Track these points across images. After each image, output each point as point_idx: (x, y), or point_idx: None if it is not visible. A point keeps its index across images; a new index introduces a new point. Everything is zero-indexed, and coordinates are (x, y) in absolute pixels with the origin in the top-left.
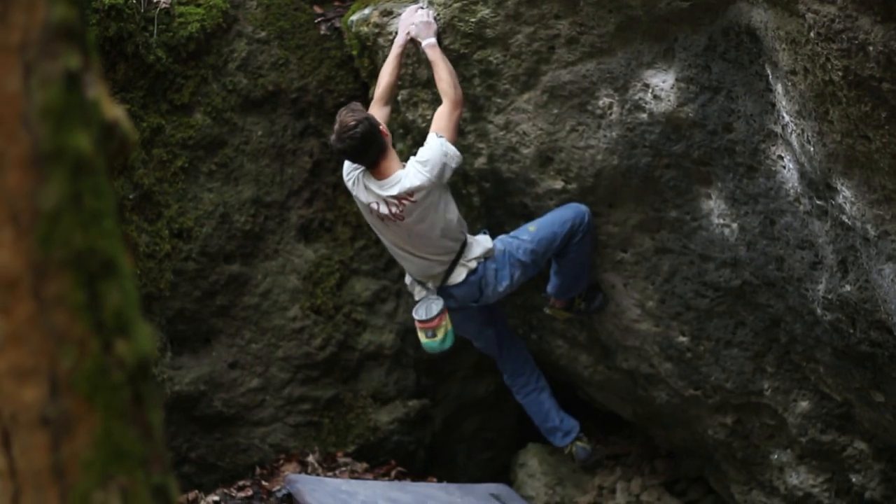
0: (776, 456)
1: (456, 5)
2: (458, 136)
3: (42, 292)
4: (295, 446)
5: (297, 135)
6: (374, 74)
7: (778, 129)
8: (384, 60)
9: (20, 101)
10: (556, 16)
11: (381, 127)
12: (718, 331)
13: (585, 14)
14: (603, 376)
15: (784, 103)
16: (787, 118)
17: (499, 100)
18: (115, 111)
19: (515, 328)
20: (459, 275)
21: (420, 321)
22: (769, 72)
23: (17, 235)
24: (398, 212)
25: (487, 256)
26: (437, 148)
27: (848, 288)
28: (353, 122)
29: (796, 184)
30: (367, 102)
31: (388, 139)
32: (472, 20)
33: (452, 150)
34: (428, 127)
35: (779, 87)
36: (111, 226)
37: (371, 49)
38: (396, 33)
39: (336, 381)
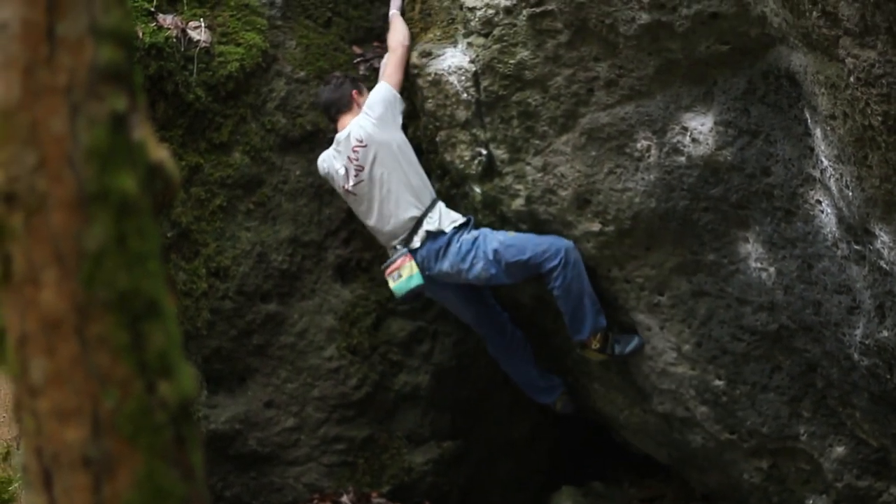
0: (811, 501)
1: (495, 47)
2: (494, 176)
3: (85, 333)
4: (329, 486)
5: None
6: (414, 115)
7: (816, 174)
8: (424, 101)
9: (66, 143)
10: (596, 58)
11: (353, 89)
12: (755, 375)
13: (625, 57)
14: (638, 419)
15: (823, 148)
16: (825, 163)
17: (537, 141)
18: (160, 152)
19: (549, 370)
20: (416, 240)
21: (385, 268)
22: (808, 116)
23: (62, 276)
24: (357, 161)
25: (454, 230)
26: (379, 91)
27: (885, 333)
28: (330, 76)
29: (834, 228)
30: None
31: (356, 99)
32: (512, 62)
33: (395, 93)
34: (466, 169)
35: (818, 132)
36: (155, 267)
37: (410, 90)
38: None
39: (371, 421)
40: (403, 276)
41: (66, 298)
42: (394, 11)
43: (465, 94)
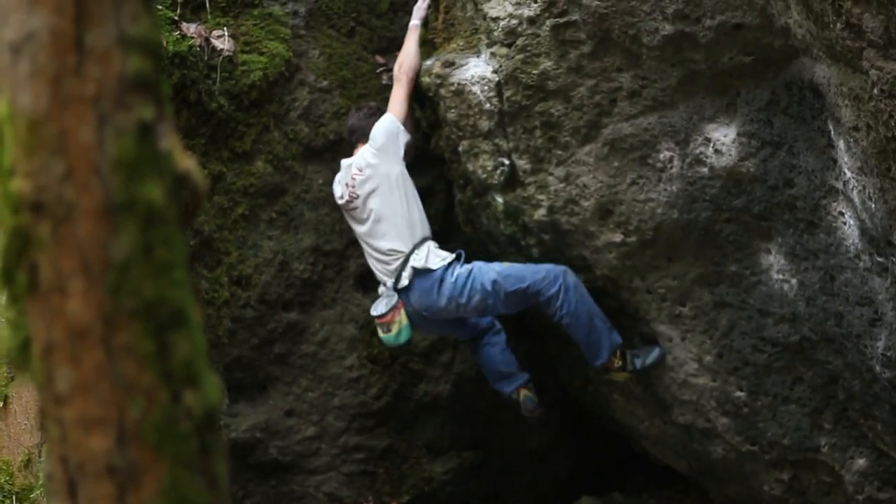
0: None
1: (518, 57)
2: (516, 186)
3: (111, 342)
4: (349, 495)
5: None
6: (436, 125)
7: (839, 185)
8: (446, 111)
9: (94, 152)
10: (619, 69)
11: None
12: (776, 386)
13: (648, 67)
14: (659, 430)
15: (846, 159)
16: (848, 174)
17: (559, 152)
18: (187, 162)
19: (571, 380)
20: (405, 277)
21: (375, 316)
22: (831, 127)
23: (88, 285)
24: (353, 189)
25: (444, 266)
26: (383, 122)
27: None
28: (365, 105)
29: (857, 240)
30: (427, 155)
31: None
32: (535, 72)
33: (399, 126)
34: (488, 178)
35: (841, 143)
36: (181, 276)
37: (433, 100)
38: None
39: (391, 430)
40: (392, 331)
41: (93, 307)
42: (415, 22)
43: (487, 104)
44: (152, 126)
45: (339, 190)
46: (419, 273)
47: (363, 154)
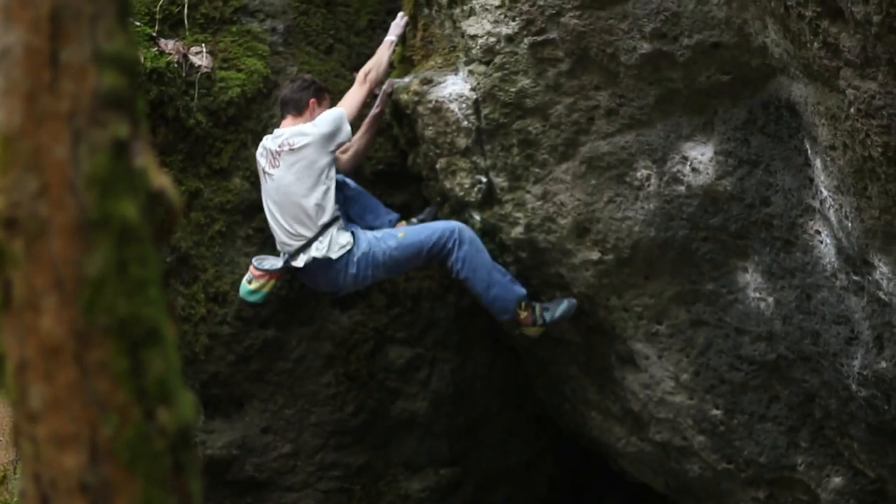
0: None
1: (496, 75)
2: (493, 204)
3: (85, 359)
4: None
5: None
6: (414, 142)
7: (816, 204)
8: (424, 128)
9: (68, 169)
10: (596, 87)
11: (314, 97)
12: (752, 404)
13: (625, 86)
14: (635, 448)
15: (822, 178)
16: (825, 193)
17: (537, 169)
18: (162, 179)
19: (549, 398)
20: (300, 261)
21: (254, 266)
22: (808, 146)
23: (62, 302)
24: (273, 161)
25: (345, 254)
26: (333, 113)
27: (883, 364)
28: (300, 76)
29: (833, 259)
30: (406, 172)
31: (312, 108)
32: (513, 90)
33: (346, 125)
34: (466, 196)
35: (817, 162)
36: (155, 294)
37: (411, 117)
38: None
39: (368, 447)
40: (253, 287)
41: (66, 325)
42: (391, 38)
43: (465, 122)
44: (127, 143)
45: (263, 159)
46: (318, 262)
47: (299, 130)
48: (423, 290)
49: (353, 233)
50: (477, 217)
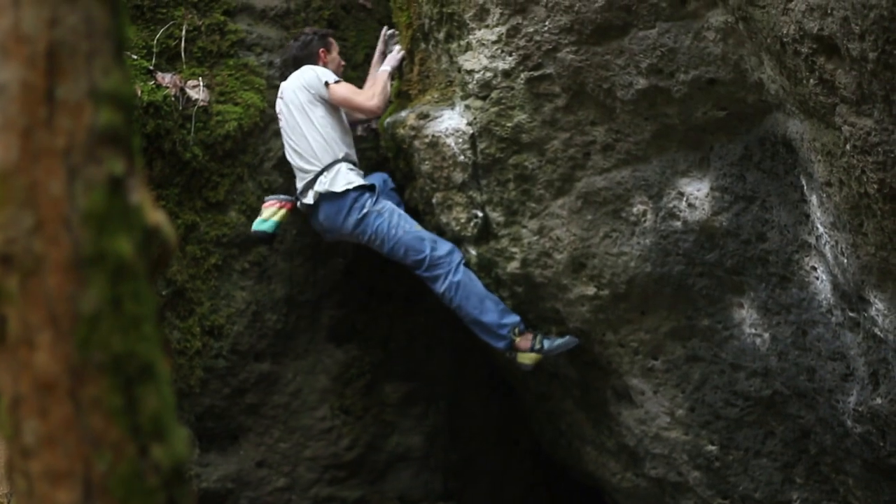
0: None
1: (493, 110)
2: (490, 239)
3: (79, 395)
4: None
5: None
6: (411, 177)
7: (812, 240)
8: (421, 163)
9: (63, 205)
10: (593, 122)
11: (321, 47)
12: (748, 440)
13: (622, 121)
14: (631, 483)
15: (818, 214)
16: (821, 229)
17: (533, 204)
18: (157, 216)
19: (543, 433)
20: (310, 197)
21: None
22: (804, 182)
23: (56, 338)
24: (283, 103)
25: (355, 194)
26: (327, 76)
27: (879, 401)
28: (301, 32)
29: (829, 295)
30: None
31: (323, 57)
32: (509, 125)
33: (336, 92)
34: (462, 231)
35: (813, 198)
36: (150, 330)
37: (407, 151)
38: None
39: (363, 482)
40: (264, 216)
41: (61, 361)
42: (386, 68)
43: (462, 157)
44: (123, 179)
45: (279, 101)
46: (325, 196)
47: (296, 77)
48: (418, 325)
49: (373, 185)
50: (473, 252)
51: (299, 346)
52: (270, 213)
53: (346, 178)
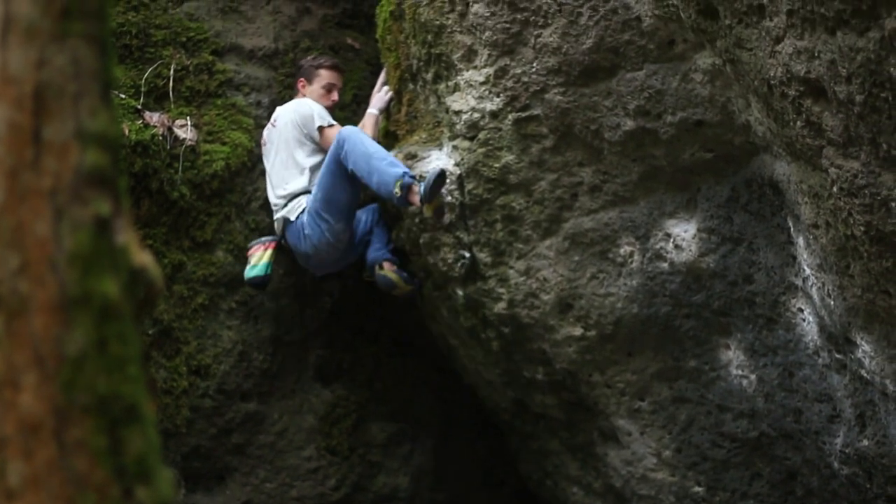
0: None
1: (480, 150)
2: (477, 279)
3: (64, 437)
4: None
5: (317, 275)
6: (398, 217)
7: (798, 282)
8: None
9: (49, 246)
10: (580, 163)
11: (301, 77)
12: (735, 482)
13: (609, 162)
14: None
15: (805, 256)
16: (807, 271)
17: (520, 245)
18: (144, 257)
19: (530, 474)
20: (278, 225)
21: (249, 247)
22: (791, 224)
23: (41, 380)
24: (266, 134)
25: (298, 211)
26: (322, 119)
27: (865, 442)
28: (321, 54)
29: (816, 337)
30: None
31: (301, 88)
32: (496, 165)
33: (328, 137)
34: (449, 271)
35: (800, 240)
36: (135, 372)
37: None
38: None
39: None
40: (252, 262)
41: (46, 402)
42: (373, 111)
43: (449, 197)
44: (109, 220)
45: (268, 129)
46: (287, 223)
47: (293, 109)
48: (405, 365)
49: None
50: (460, 292)
51: (286, 386)
52: (258, 258)
53: (301, 205)
